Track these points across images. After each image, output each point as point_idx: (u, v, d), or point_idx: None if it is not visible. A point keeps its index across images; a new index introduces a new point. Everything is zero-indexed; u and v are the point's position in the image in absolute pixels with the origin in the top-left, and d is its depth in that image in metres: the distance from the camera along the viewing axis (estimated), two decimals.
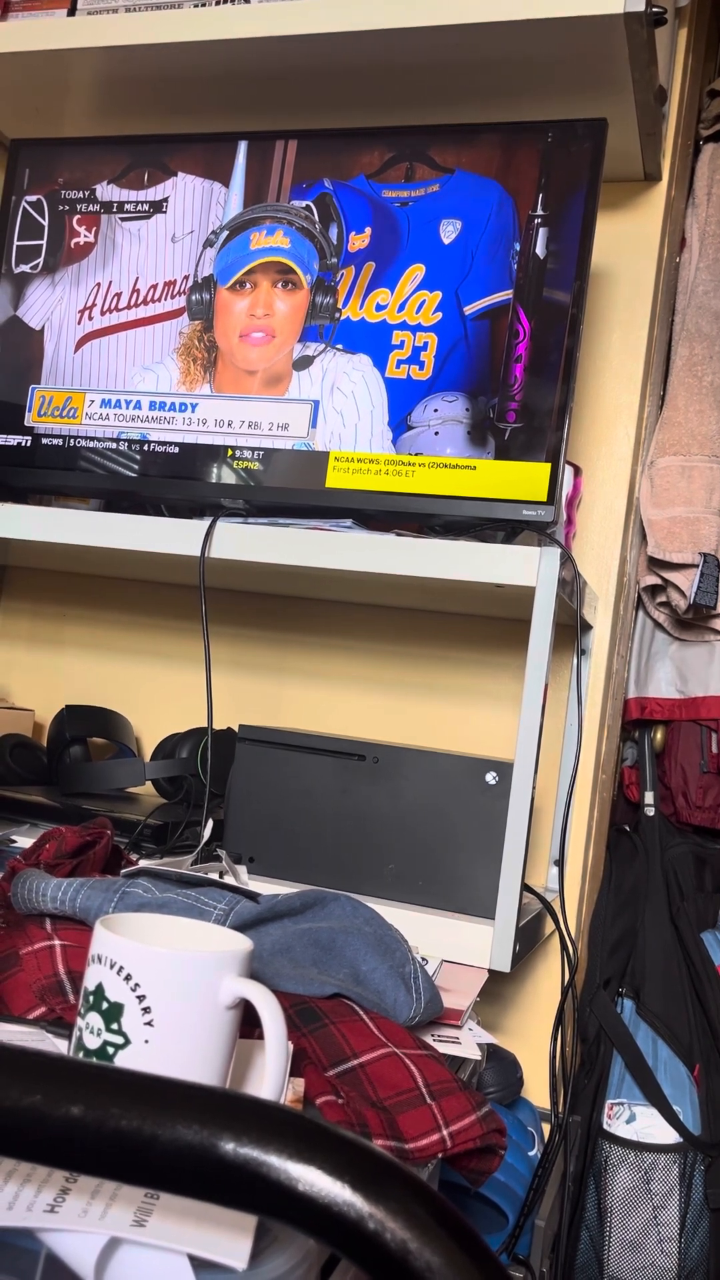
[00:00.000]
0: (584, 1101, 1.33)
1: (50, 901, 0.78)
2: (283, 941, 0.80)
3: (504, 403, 1.08)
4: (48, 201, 1.28)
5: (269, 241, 1.18)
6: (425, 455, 1.10)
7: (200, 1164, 0.38)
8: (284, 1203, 0.37)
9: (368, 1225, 0.36)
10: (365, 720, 1.42)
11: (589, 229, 1.08)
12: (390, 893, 1.04)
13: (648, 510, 1.39)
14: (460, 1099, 0.66)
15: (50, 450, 1.24)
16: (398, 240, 1.14)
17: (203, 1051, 0.58)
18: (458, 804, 1.02)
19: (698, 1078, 1.31)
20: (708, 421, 1.39)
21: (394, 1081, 0.67)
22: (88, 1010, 0.58)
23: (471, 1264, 0.35)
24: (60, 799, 1.20)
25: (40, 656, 1.57)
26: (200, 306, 1.20)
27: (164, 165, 1.24)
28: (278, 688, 1.46)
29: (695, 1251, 1.26)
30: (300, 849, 1.07)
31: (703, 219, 1.47)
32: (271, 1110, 0.38)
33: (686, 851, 1.43)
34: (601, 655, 1.33)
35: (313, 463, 1.13)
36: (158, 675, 1.51)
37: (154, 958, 0.57)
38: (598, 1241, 1.28)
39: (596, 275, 1.37)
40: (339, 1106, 0.63)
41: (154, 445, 1.20)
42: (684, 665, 1.44)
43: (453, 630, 1.39)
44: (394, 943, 0.81)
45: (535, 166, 1.10)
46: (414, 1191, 0.37)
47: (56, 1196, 0.47)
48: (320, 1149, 0.37)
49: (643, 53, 1.11)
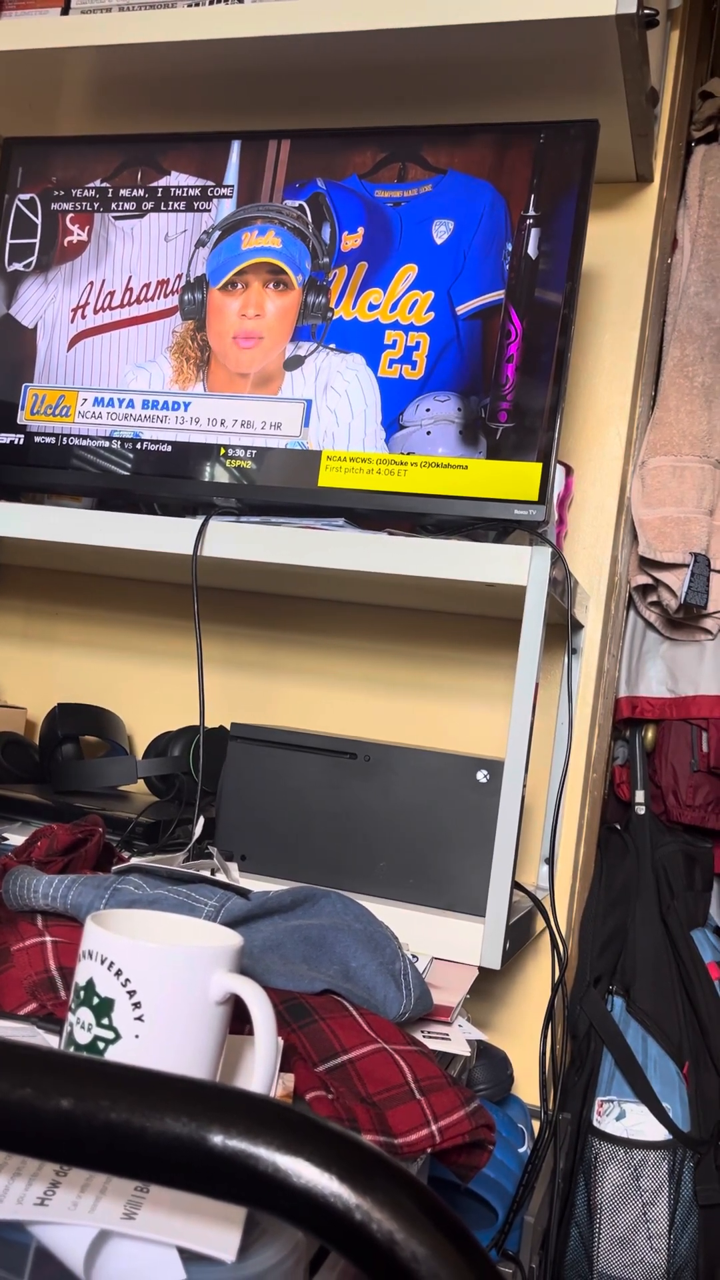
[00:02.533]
0: (574, 1098, 1.34)
1: (42, 898, 0.79)
2: (273, 938, 0.80)
3: (496, 402, 1.09)
4: (41, 200, 1.29)
5: (260, 241, 1.19)
6: (417, 454, 1.10)
7: (189, 1156, 0.38)
8: (272, 1194, 0.37)
9: (354, 1216, 0.36)
10: (357, 718, 1.42)
11: (581, 230, 1.08)
12: (381, 890, 1.04)
13: (639, 510, 1.39)
14: (449, 1094, 0.66)
15: (43, 448, 1.24)
16: (390, 240, 1.15)
17: (193, 1046, 0.58)
18: (448, 802, 1.02)
19: (687, 1075, 1.31)
20: (699, 422, 1.39)
21: (383, 1077, 0.68)
22: (78, 1005, 0.59)
23: (457, 1254, 0.36)
24: (52, 797, 1.21)
25: (33, 654, 1.57)
26: (193, 306, 1.20)
27: (157, 164, 1.24)
28: (270, 686, 1.46)
29: (684, 1248, 1.26)
30: (291, 846, 1.07)
31: (694, 220, 1.47)
32: (260, 1103, 0.39)
33: (677, 850, 1.43)
34: (592, 654, 1.33)
35: (305, 462, 1.13)
36: (150, 673, 1.52)
37: (144, 953, 0.57)
38: (587, 1238, 1.29)
39: (588, 276, 1.38)
40: (328, 1102, 0.64)
41: (147, 444, 1.20)
42: (674, 664, 1.44)
43: (444, 629, 1.40)
44: (384, 939, 0.81)
45: (527, 167, 1.11)
46: (401, 1183, 0.37)
47: (46, 1189, 0.48)
48: (308, 1141, 0.37)
49: (635, 54, 1.12)
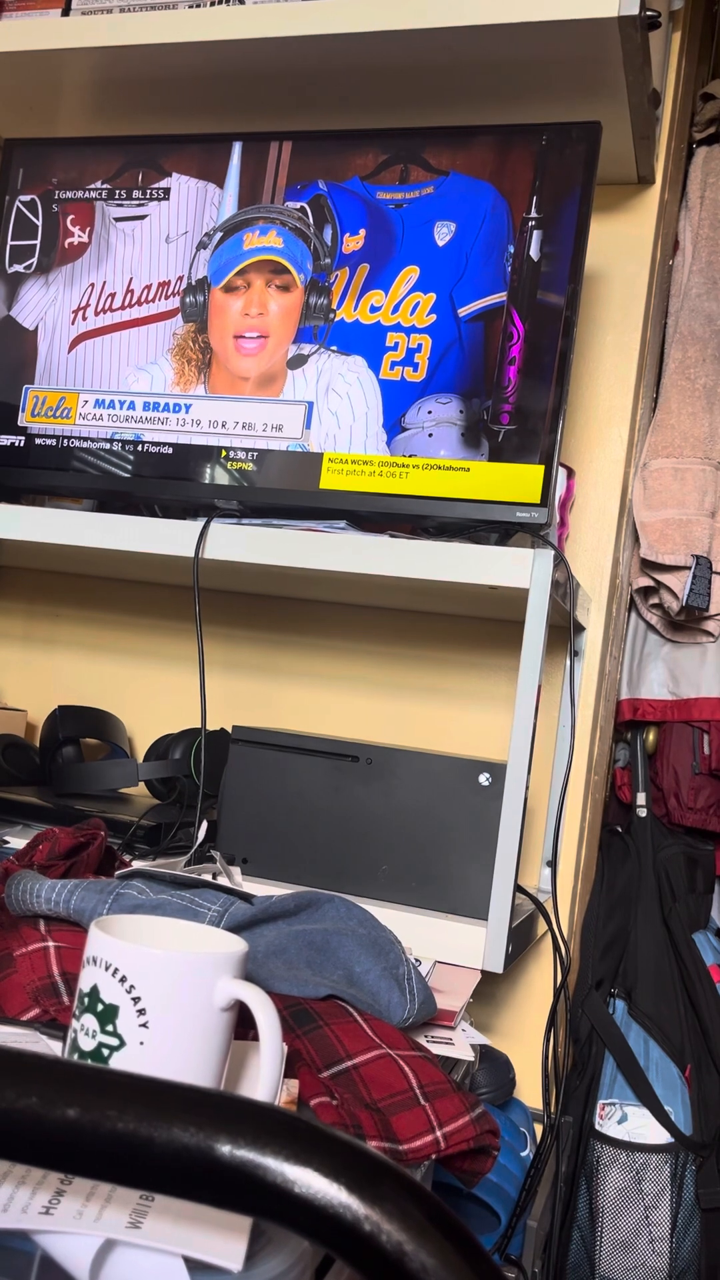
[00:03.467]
0: (576, 1102, 1.33)
1: (45, 903, 0.78)
2: (277, 943, 0.80)
3: (498, 405, 1.08)
4: (42, 201, 1.28)
5: (262, 241, 1.18)
6: (419, 457, 1.10)
7: (196, 1166, 0.38)
8: (280, 1204, 0.37)
9: (363, 1227, 0.36)
10: (359, 721, 1.42)
11: (583, 231, 1.08)
12: (384, 894, 1.04)
13: (640, 512, 1.39)
14: (454, 1100, 0.66)
15: (44, 450, 1.24)
16: (392, 242, 1.14)
17: (198, 1053, 0.58)
18: (451, 805, 1.02)
19: (689, 1078, 1.31)
20: (700, 424, 1.39)
21: (388, 1083, 0.67)
22: (83, 1012, 0.58)
23: (466, 1265, 0.36)
24: (53, 800, 1.20)
25: (33, 657, 1.57)
26: (194, 309, 1.20)
27: (158, 166, 1.24)
28: (271, 689, 1.46)
29: (686, 1252, 1.26)
30: (294, 850, 1.07)
31: (696, 222, 1.47)
32: (267, 1112, 0.39)
33: (678, 853, 1.43)
34: (594, 657, 1.33)
35: (307, 464, 1.13)
36: (151, 676, 1.51)
37: (149, 959, 0.57)
38: (589, 1242, 1.29)
39: (590, 278, 1.37)
40: (333, 1108, 0.63)
41: (148, 446, 1.19)
42: (676, 667, 1.44)
43: (446, 631, 1.40)
44: (387, 944, 0.81)
45: (529, 169, 1.10)
46: (409, 1193, 0.37)
47: (51, 1198, 0.47)
48: (316, 1151, 0.37)
49: (637, 56, 1.12)
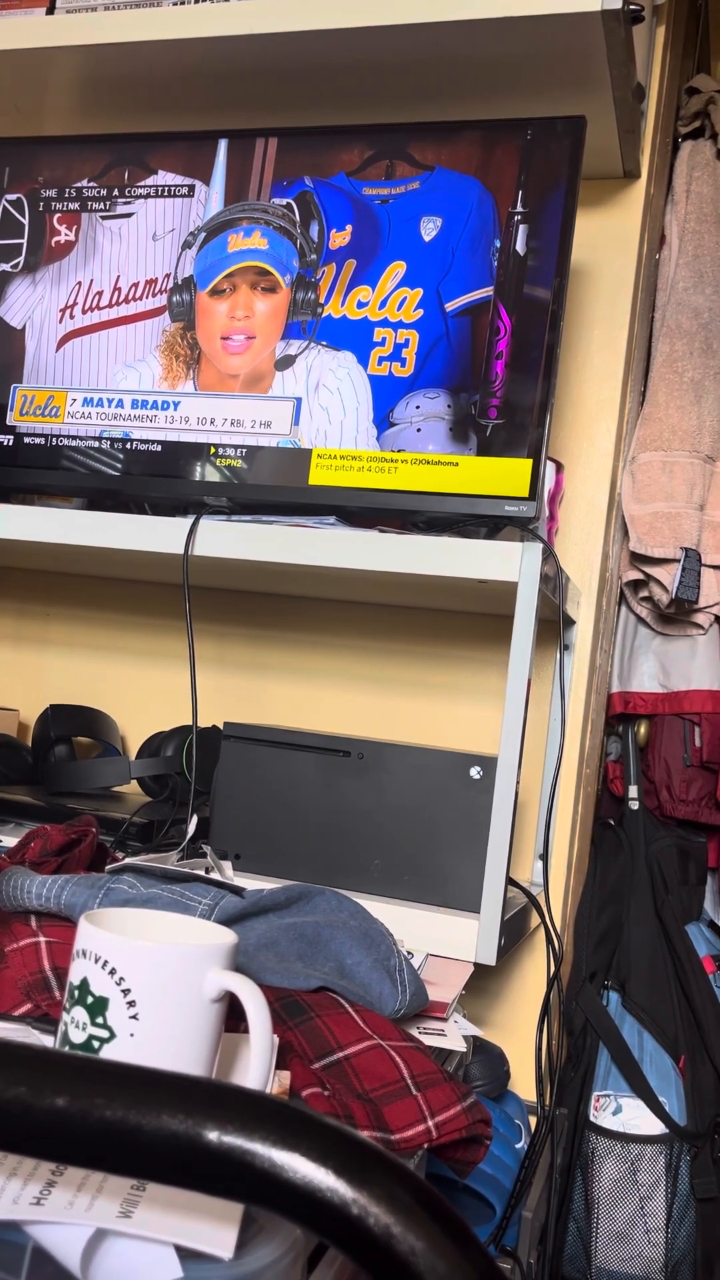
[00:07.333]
0: (570, 1094, 1.34)
1: (35, 899, 0.78)
2: (268, 936, 0.80)
3: (485, 399, 1.09)
4: (28, 200, 1.28)
5: (246, 243, 1.18)
6: (408, 452, 1.10)
7: (185, 1152, 0.38)
8: (268, 1190, 0.37)
9: (351, 1210, 0.36)
10: (350, 716, 1.42)
11: (569, 226, 1.08)
12: (375, 887, 1.04)
13: (629, 505, 1.40)
14: (445, 1090, 0.66)
15: (32, 449, 1.24)
16: (378, 238, 1.15)
17: (188, 1044, 0.58)
18: (442, 799, 1.02)
19: (683, 1069, 1.32)
20: (688, 417, 1.40)
21: (379, 1073, 0.68)
22: (73, 1005, 0.58)
23: (455, 1247, 0.36)
24: (45, 798, 1.20)
25: (24, 655, 1.57)
26: (181, 308, 1.20)
27: (144, 164, 1.24)
28: (262, 685, 1.46)
29: (682, 1242, 1.27)
30: (285, 845, 1.07)
31: (682, 215, 1.48)
32: (254, 1098, 0.39)
33: (670, 845, 1.44)
34: (584, 650, 1.33)
35: (296, 460, 1.13)
36: (142, 674, 1.51)
37: (138, 952, 0.57)
38: (585, 1233, 1.29)
39: (577, 272, 1.38)
40: (324, 1099, 0.64)
41: (137, 444, 1.20)
42: (666, 659, 1.45)
43: (436, 626, 1.40)
44: (379, 936, 0.81)
45: (515, 164, 1.11)
46: (397, 1177, 0.37)
47: (43, 1189, 0.47)
48: (304, 1136, 0.37)
49: (621, 50, 1.12)
